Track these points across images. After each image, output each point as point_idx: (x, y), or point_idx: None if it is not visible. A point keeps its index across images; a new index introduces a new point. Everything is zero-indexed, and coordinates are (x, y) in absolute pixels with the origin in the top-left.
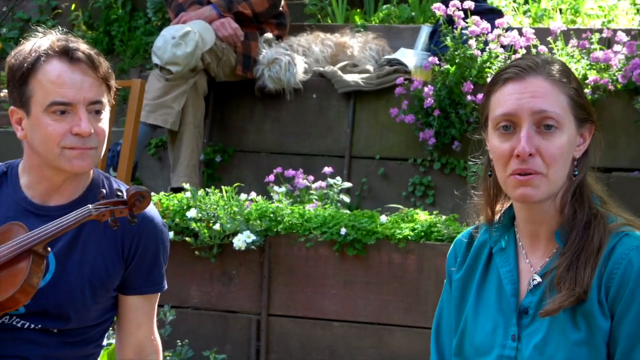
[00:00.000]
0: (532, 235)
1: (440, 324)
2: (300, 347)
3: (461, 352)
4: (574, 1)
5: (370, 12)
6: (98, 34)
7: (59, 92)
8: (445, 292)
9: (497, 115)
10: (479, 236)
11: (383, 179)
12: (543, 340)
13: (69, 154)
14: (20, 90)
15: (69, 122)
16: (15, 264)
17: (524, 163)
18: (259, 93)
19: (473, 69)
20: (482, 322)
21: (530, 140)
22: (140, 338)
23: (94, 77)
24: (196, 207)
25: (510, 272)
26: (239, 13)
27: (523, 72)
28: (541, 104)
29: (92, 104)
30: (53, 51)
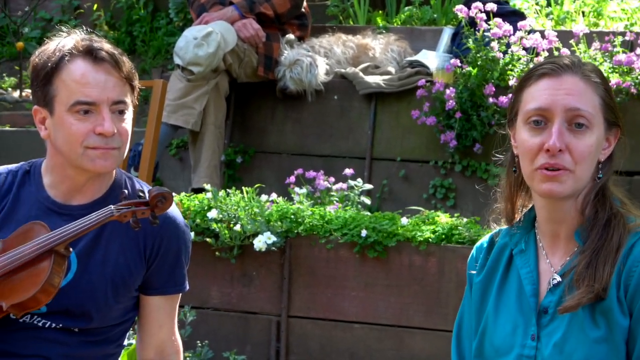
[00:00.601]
0: (552, 235)
1: (461, 328)
2: (320, 349)
3: (481, 354)
4: (597, 4)
5: (392, 13)
6: (120, 34)
7: (83, 91)
8: (466, 296)
9: (530, 109)
10: (499, 239)
11: (404, 181)
12: (562, 339)
13: (92, 153)
14: (44, 90)
15: (93, 121)
16: (37, 264)
17: (553, 158)
18: (281, 94)
19: (495, 71)
20: (502, 323)
21: (561, 137)
22: (161, 338)
23: (117, 76)
24: (217, 208)
25: (530, 272)
26: (261, 14)
27: (559, 69)
28: (575, 102)
29: (115, 103)
30: (77, 50)
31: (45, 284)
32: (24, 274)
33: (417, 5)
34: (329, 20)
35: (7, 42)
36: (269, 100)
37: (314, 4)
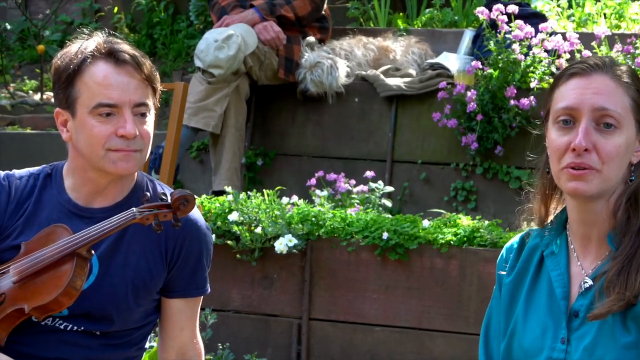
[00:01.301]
0: (584, 237)
1: (489, 328)
2: (341, 352)
3: (509, 355)
4: (619, 6)
5: (412, 16)
6: (140, 36)
7: (105, 93)
8: (494, 297)
9: (558, 108)
10: (529, 241)
11: (425, 184)
12: (592, 343)
13: (114, 156)
14: (66, 92)
15: (114, 124)
16: (59, 267)
17: (579, 157)
18: (301, 96)
19: (516, 73)
20: (531, 325)
21: (587, 136)
22: (183, 341)
23: (139, 79)
24: (238, 211)
25: (561, 275)
26: (282, 16)
27: (589, 69)
28: (603, 101)
29: (137, 106)
30: (99, 53)
31: (68, 287)
32: (46, 277)
33: (438, 7)
34: (349, 23)
35: (28, 45)
36: (290, 103)
37: (334, 7)
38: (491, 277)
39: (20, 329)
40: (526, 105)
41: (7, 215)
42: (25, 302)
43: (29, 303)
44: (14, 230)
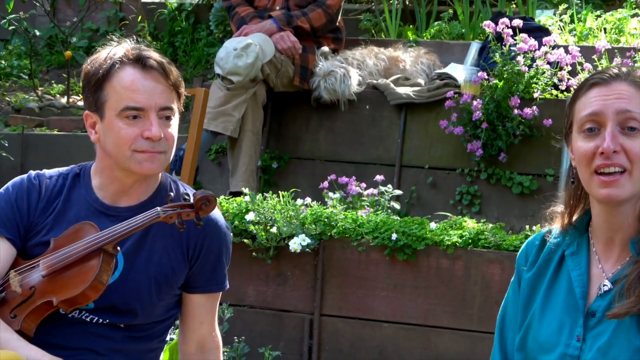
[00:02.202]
0: (607, 241)
1: (504, 318)
2: (351, 346)
3: (524, 348)
4: (618, 21)
5: (422, 28)
6: (162, 44)
7: (132, 97)
8: (512, 289)
9: (583, 116)
10: (551, 239)
11: (431, 188)
12: (607, 343)
13: (140, 156)
14: (95, 96)
15: (141, 126)
16: (86, 262)
17: (609, 159)
18: (315, 103)
19: (520, 84)
20: (548, 321)
21: (614, 139)
22: (202, 334)
23: (165, 84)
24: (254, 211)
25: (581, 275)
26: (298, 27)
27: (609, 78)
28: (626, 104)
29: (162, 109)
30: (127, 59)
31: (94, 281)
32: (74, 271)
33: (446, 20)
34: (361, 34)
35: (55, 51)
36: (304, 109)
37: (347, 18)
38: (495, 277)
39: (48, 320)
40: (529, 114)
41: (38, 212)
42: (54, 295)
43: (58, 296)
44: (44, 227)
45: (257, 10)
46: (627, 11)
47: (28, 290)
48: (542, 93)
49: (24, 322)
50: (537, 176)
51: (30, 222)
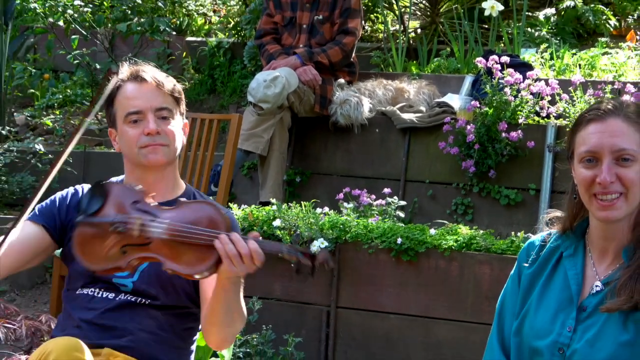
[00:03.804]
0: (602, 248)
1: (503, 306)
2: (362, 334)
3: (519, 333)
4: (591, 58)
5: (423, 63)
6: (203, 76)
7: (132, 104)
8: (511, 280)
9: (582, 151)
10: (550, 241)
11: (431, 199)
12: (595, 336)
13: (144, 151)
14: (109, 112)
15: (141, 126)
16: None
17: (606, 188)
18: (332, 127)
19: (507, 111)
20: (543, 311)
21: (610, 171)
22: None
23: (158, 90)
24: (280, 218)
25: (577, 275)
26: (318, 62)
27: (604, 114)
28: (620, 142)
29: (158, 110)
30: (127, 77)
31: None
32: (191, 252)
33: (444, 57)
34: (372, 68)
35: None
36: (323, 132)
37: (360, 55)
38: (485, 276)
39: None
40: (515, 137)
41: (75, 213)
42: (166, 259)
43: (168, 262)
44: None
45: (284, 47)
46: (599, 50)
47: (145, 238)
48: (526, 119)
49: (130, 262)
50: (521, 190)
51: (67, 219)
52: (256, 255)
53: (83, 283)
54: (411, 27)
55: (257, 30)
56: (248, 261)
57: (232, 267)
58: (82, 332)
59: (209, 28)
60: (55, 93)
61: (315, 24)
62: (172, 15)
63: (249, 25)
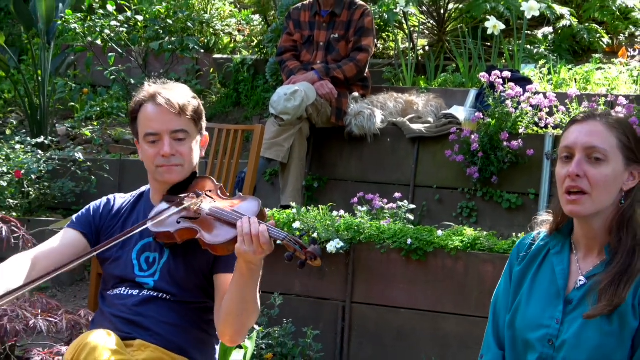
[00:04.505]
0: (586, 247)
1: (497, 302)
2: (375, 327)
3: (512, 325)
4: (586, 73)
5: (431, 78)
6: (229, 90)
7: (150, 125)
8: (504, 278)
9: (561, 147)
10: (539, 240)
11: (438, 203)
12: (581, 327)
13: (161, 170)
14: (133, 126)
15: (158, 147)
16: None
17: (574, 181)
18: (347, 137)
19: (509, 122)
20: (533, 304)
21: (579, 166)
22: None
23: (173, 114)
24: (300, 220)
25: (564, 270)
26: (334, 77)
27: (587, 117)
28: (593, 141)
29: (174, 132)
30: (147, 98)
31: (222, 246)
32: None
33: (450, 72)
34: (384, 83)
35: None
36: (339, 141)
37: (373, 70)
38: (489, 274)
39: (126, 299)
40: (515, 146)
41: (108, 219)
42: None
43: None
44: (115, 228)
45: (303, 63)
46: (593, 65)
47: (195, 213)
48: (525, 129)
49: (179, 231)
50: (521, 194)
51: (101, 225)
52: (262, 237)
53: (113, 284)
54: (420, 45)
55: (278, 48)
56: (255, 241)
57: (242, 245)
58: (114, 325)
59: (234, 46)
60: (94, 106)
61: (332, 42)
62: (201, 35)
63: (271, 44)
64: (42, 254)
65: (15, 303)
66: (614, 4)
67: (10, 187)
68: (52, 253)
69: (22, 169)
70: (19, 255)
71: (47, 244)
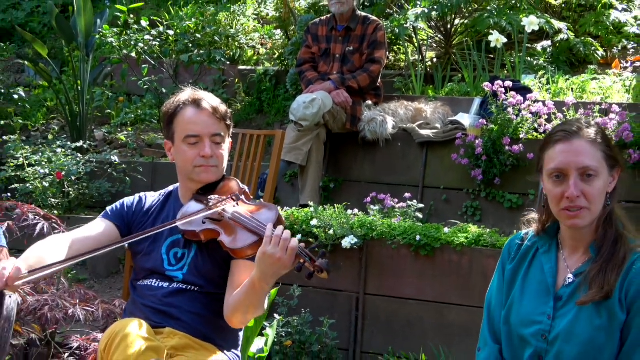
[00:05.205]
0: (572, 247)
1: (491, 299)
2: (386, 317)
3: (507, 321)
4: (582, 83)
5: (439, 87)
6: (252, 99)
7: (191, 128)
8: (497, 277)
9: (551, 168)
10: (527, 241)
11: (445, 203)
12: (572, 321)
13: (198, 170)
14: (168, 128)
15: (198, 148)
16: (249, 235)
17: (573, 202)
18: (361, 142)
19: (510, 128)
20: (525, 301)
21: (576, 187)
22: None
23: (215, 118)
24: (317, 218)
25: (552, 268)
26: (349, 86)
27: (569, 135)
28: (584, 161)
29: (213, 136)
30: (188, 102)
31: (241, 251)
32: (242, 233)
33: (456, 82)
34: (395, 92)
35: None
36: (354, 146)
37: (385, 80)
38: (491, 268)
39: (157, 290)
40: (516, 150)
41: (140, 215)
42: (225, 234)
43: (222, 235)
44: (146, 223)
45: (320, 74)
46: (588, 76)
47: (219, 215)
48: (526, 135)
49: (204, 231)
50: (522, 195)
51: (133, 220)
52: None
53: (144, 275)
54: (428, 57)
55: (297, 60)
56: (282, 244)
57: (267, 246)
58: (145, 315)
59: (257, 58)
60: (128, 113)
61: (347, 54)
62: (227, 48)
63: (291, 56)
64: (78, 239)
65: (56, 294)
66: (607, 19)
67: (52, 187)
68: (87, 240)
69: (62, 170)
70: (59, 236)
71: (83, 231)
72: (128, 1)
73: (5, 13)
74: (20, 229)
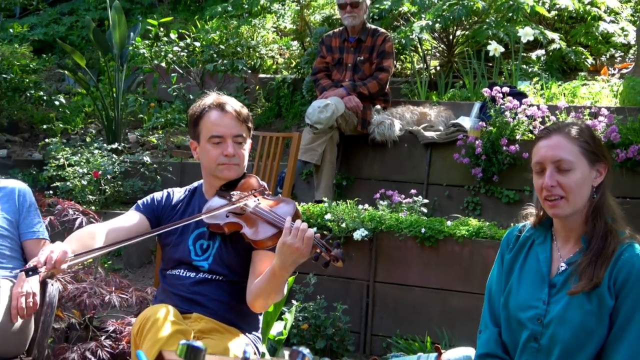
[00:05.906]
0: (565, 237)
1: (491, 286)
2: (394, 303)
3: (506, 306)
4: (573, 88)
5: (442, 92)
6: (272, 104)
7: (216, 129)
8: (497, 265)
9: (533, 162)
10: (524, 232)
11: (448, 199)
12: (565, 307)
13: (222, 167)
14: (194, 129)
15: (221, 148)
16: (270, 227)
17: (549, 191)
18: (371, 143)
19: (507, 130)
20: (522, 288)
21: (552, 178)
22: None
23: (237, 120)
24: (331, 213)
25: (547, 258)
26: (360, 93)
27: (550, 132)
28: (559, 153)
29: (236, 137)
30: (213, 105)
31: (263, 242)
32: (263, 225)
33: (458, 88)
34: (402, 97)
35: None
36: (364, 147)
37: (393, 86)
38: (490, 258)
39: (184, 279)
40: (513, 150)
41: (168, 209)
42: (247, 226)
43: (244, 228)
44: (174, 217)
45: (334, 81)
46: (579, 82)
47: (241, 209)
48: (522, 136)
49: (227, 224)
50: (518, 191)
51: (162, 213)
52: (305, 229)
53: (172, 265)
54: (432, 65)
55: (313, 69)
56: (300, 234)
57: (287, 236)
58: (174, 302)
59: (276, 67)
60: (159, 117)
61: (358, 63)
62: (248, 58)
63: (307, 65)
64: (113, 229)
65: (93, 282)
66: (597, 30)
67: (90, 185)
68: (121, 230)
69: (99, 170)
70: (96, 225)
71: (117, 221)
72: (159, 16)
73: (47, 27)
74: (61, 223)
